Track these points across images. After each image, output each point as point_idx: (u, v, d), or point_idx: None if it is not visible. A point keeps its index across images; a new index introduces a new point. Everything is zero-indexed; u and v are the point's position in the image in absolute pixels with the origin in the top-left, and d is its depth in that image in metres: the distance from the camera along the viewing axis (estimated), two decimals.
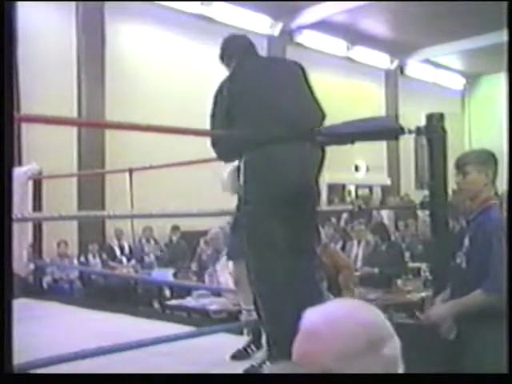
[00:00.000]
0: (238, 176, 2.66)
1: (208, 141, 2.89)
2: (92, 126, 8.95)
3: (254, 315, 3.05)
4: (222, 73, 2.94)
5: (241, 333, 3.65)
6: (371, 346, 0.89)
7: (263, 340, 3.06)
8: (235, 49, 2.89)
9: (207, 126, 2.86)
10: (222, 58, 2.93)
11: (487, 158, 2.47)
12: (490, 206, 2.39)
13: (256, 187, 2.54)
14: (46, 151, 8.49)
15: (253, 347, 3.12)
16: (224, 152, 2.76)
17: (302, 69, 2.81)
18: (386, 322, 0.94)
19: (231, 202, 3.08)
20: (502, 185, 2.51)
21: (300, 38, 13.74)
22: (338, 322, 0.90)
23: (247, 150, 2.57)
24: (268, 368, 2.62)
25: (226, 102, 2.62)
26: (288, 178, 2.53)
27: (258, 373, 2.66)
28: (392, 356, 0.91)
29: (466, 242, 2.41)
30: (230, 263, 4.43)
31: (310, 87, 2.79)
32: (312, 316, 0.94)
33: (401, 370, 0.93)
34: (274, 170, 2.51)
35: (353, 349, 0.88)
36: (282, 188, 2.52)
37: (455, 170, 2.52)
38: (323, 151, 2.75)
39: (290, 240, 2.52)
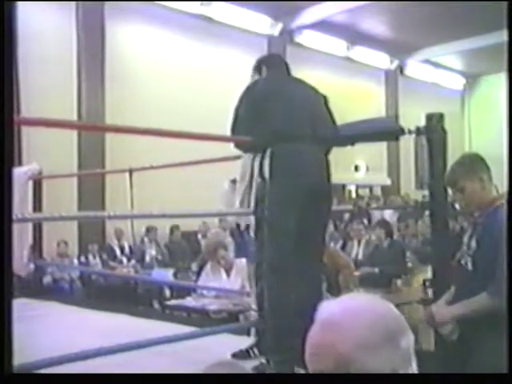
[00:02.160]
0: (261, 170, 2.74)
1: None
2: (91, 130, 8.92)
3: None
4: (222, 72, 2.97)
5: (243, 333, 3.65)
6: (389, 338, 0.89)
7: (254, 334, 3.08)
8: (271, 62, 3.12)
9: (207, 124, 2.88)
10: (258, 67, 3.10)
11: (473, 163, 2.43)
12: (497, 207, 2.35)
13: (282, 182, 2.65)
14: (46, 151, 8.49)
15: (255, 350, 3.11)
16: (247, 144, 2.90)
17: (325, 96, 2.98)
18: (401, 316, 0.94)
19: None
20: (502, 185, 2.50)
21: (300, 38, 13.74)
22: (356, 313, 0.91)
23: (274, 144, 2.69)
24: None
25: (258, 100, 2.76)
26: (313, 175, 2.70)
27: (259, 373, 2.66)
28: (408, 348, 0.92)
29: (473, 243, 2.38)
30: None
31: (329, 110, 2.95)
32: (329, 307, 0.94)
33: (414, 364, 0.93)
34: (302, 165, 2.66)
35: (372, 339, 0.88)
36: (307, 183, 2.66)
37: (450, 191, 2.48)
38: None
39: (306, 237, 2.65)
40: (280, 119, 2.71)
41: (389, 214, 11.66)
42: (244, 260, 4.94)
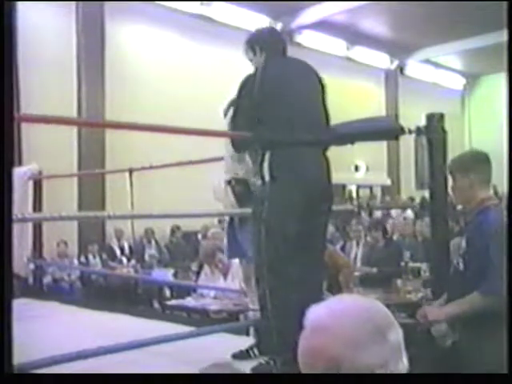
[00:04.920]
0: (261, 172, 2.71)
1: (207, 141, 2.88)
2: (92, 126, 8.94)
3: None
4: (222, 72, 2.96)
5: (243, 333, 3.64)
6: (377, 333, 0.92)
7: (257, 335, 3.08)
8: (266, 43, 2.92)
9: (207, 124, 2.88)
10: (252, 48, 2.94)
11: (468, 162, 2.48)
12: (488, 207, 2.37)
13: (283, 185, 2.62)
14: (46, 151, 8.49)
15: (255, 350, 3.10)
16: (241, 142, 2.85)
17: (320, 80, 2.89)
18: (388, 312, 0.97)
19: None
20: (502, 185, 2.51)
21: (300, 38, 13.74)
22: (342, 314, 0.94)
23: (273, 146, 2.66)
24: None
25: (256, 97, 2.68)
26: (313, 177, 2.67)
27: (260, 372, 2.67)
28: (397, 342, 0.94)
29: (464, 243, 2.40)
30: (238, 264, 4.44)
31: (323, 97, 2.88)
32: (317, 312, 0.97)
33: (405, 358, 0.95)
34: (301, 167, 2.64)
35: (360, 337, 0.91)
36: (307, 185, 2.63)
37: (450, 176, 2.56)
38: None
39: (306, 237, 2.64)
40: (280, 121, 2.67)
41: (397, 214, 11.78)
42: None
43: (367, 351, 0.90)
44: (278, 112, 2.68)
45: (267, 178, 2.67)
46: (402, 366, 0.94)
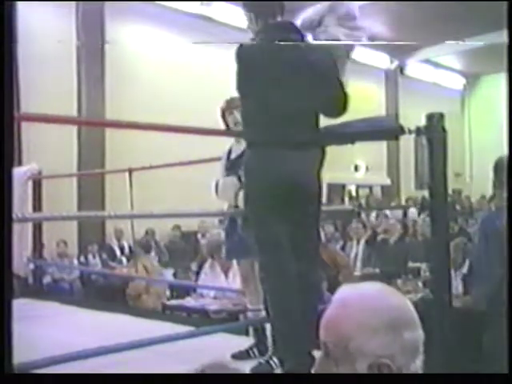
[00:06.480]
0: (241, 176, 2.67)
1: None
2: (92, 125, 8.95)
3: (260, 315, 3.07)
4: (222, 73, 2.95)
5: (243, 333, 3.65)
6: (392, 326, 0.96)
7: (268, 336, 3.08)
8: (260, 11, 2.80)
9: (207, 124, 2.87)
10: (248, 15, 2.84)
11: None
12: (500, 207, 2.71)
13: (257, 187, 2.53)
14: (46, 151, 8.49)
15: (255, 350, 3.10)
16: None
17: (332, 58, 2.78)
18: (413, 312, 1.02)
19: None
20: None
21: None
22: (365, 298, 1.00)
23: (253, 145, 2.57)
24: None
25: (248, 82, 2.60)
26: (288, 179, 2.52)
27: (261, 372, 2.67)
28: (412, 342, 0.98)
29: None
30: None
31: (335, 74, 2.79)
32: (345, 290, 1.04)
33: (419, 361, 0.99)
34: (275, 170, 2.49)
35: (373, 323, 0.96)
36: (282, 189, 2.50)
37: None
38: (323, 152, 2.75)
39: (295, 239, 2.57)
40: (266, 117, 2.52)
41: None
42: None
43: (376, 339, 0.95)
44: (267, 107, 2.54)
45: (242, 176, 2.61)
46: (414, 367, 0.97)
